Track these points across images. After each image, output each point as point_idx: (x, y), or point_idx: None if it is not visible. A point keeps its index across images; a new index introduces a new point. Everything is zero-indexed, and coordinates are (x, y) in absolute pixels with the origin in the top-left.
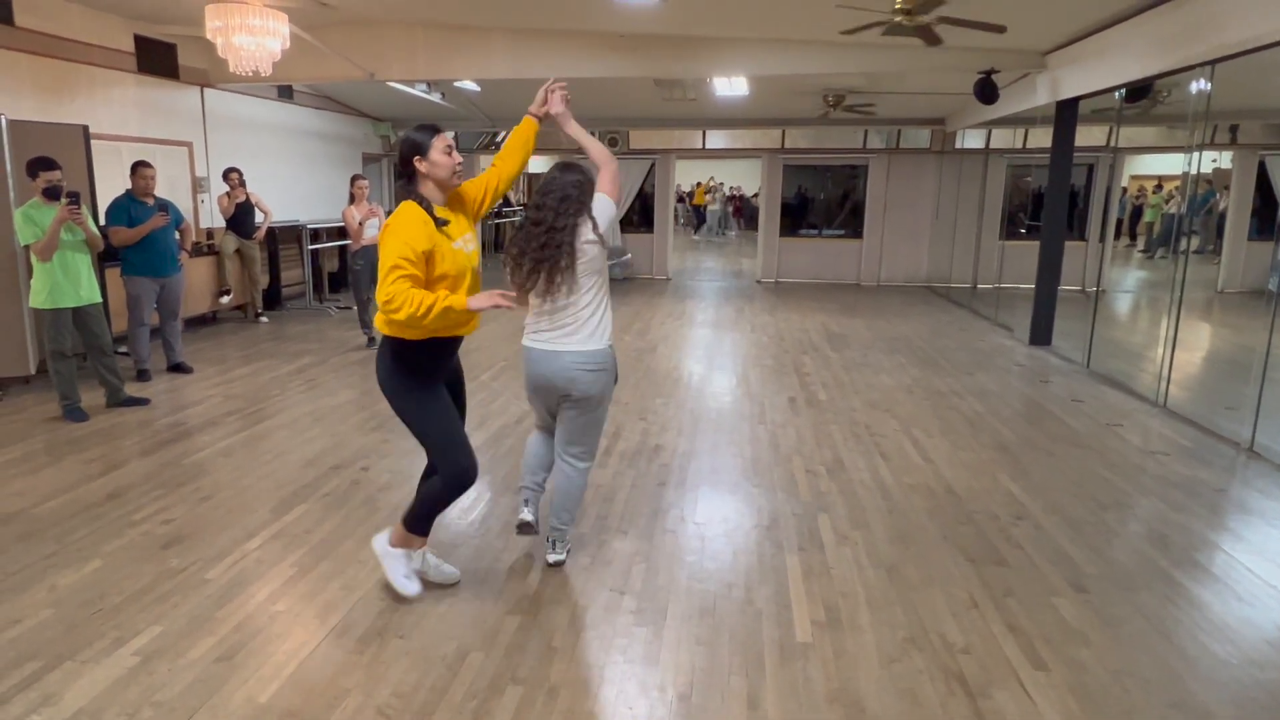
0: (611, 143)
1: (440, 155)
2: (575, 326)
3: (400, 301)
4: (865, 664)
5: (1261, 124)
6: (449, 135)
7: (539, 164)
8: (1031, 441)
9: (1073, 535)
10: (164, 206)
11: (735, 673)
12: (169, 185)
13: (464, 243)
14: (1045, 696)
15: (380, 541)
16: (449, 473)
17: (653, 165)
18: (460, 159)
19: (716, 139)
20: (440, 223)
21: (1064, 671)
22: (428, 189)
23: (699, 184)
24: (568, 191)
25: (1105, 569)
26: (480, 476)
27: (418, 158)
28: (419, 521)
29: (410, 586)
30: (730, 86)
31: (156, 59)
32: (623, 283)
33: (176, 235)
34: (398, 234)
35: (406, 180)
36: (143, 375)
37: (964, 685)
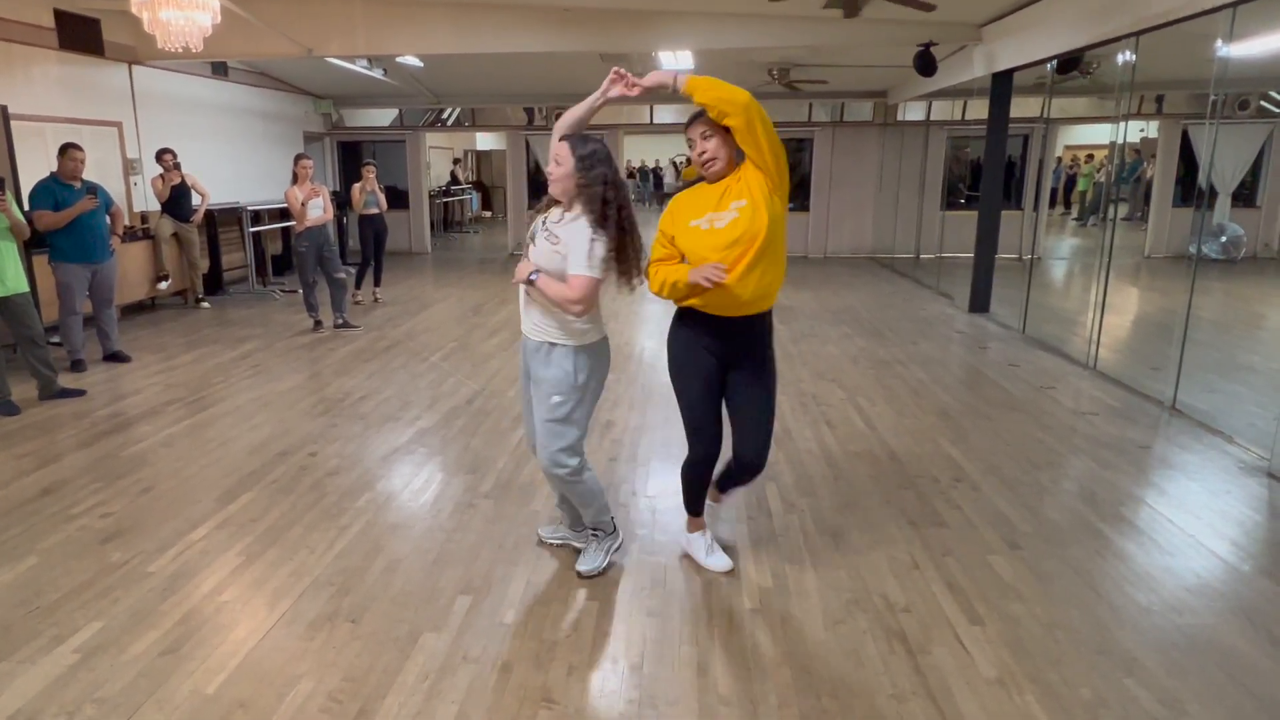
0: (559, 117)
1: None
2: None
3: (650, 279)
4: (811, 627)
5: (1185, 94)
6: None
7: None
8: (971, 407)
9: (1008, 495)
10: (92, 189)
11: (686, 642)
12: (99, 168)
13: (708, 220)
14: (981, 650)
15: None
16: (687, 455)
17: (601, 140)
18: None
19: (665, 114)
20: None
21: (999, 625)
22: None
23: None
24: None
25: (1038, 527)
26: (431, 458)
27: None
28: (685, 501)
29: (716, 562)
30: (676, 61)
31: (79, 35)
32: None
33: (107, 219)
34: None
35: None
36: (77, 366)
37: (905, 643)
